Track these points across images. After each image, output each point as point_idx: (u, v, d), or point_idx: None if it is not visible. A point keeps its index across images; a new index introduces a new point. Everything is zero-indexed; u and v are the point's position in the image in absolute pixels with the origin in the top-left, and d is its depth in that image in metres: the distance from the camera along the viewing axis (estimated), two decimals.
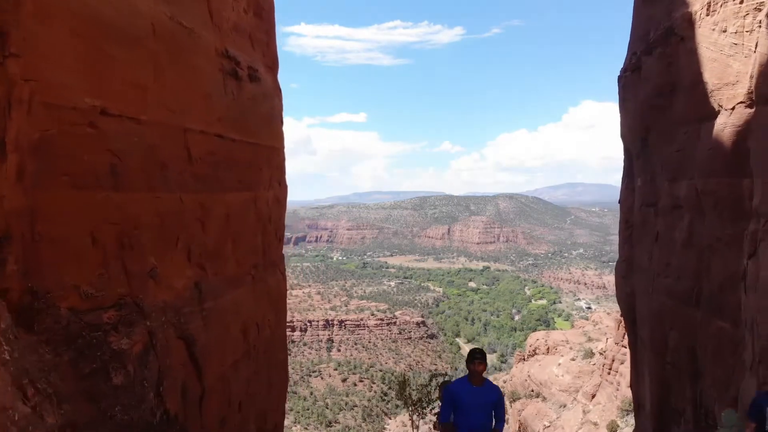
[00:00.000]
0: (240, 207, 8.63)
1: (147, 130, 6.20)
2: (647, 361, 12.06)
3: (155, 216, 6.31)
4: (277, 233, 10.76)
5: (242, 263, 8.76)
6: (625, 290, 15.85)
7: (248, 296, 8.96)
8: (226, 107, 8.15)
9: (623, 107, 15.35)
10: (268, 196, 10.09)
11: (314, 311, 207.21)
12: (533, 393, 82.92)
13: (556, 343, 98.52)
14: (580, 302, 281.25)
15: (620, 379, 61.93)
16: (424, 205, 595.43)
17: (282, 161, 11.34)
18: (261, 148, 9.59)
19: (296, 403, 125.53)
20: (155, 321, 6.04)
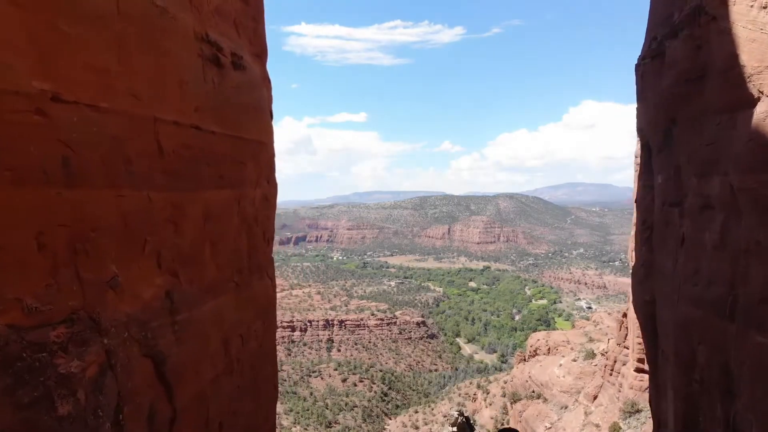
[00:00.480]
0: (220, 206, 7.84)
1: (109, 119, 5.43)
2: (670, 377, 10.99)
3: (117, 216, 5.54)
4: (265, 235, 10.02)
5: (223, 269, 7.95)
6: (643, 297, 14.65)
7: (231, 305, 8.19)
8: (205, 96, 7.35)
9: (642, 98, 14.38)
10: (255, 195, 9.33)
11: (314, 311, 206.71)
12: (534, 394, 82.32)
13: (557, 343, 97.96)
14: (580, 302, 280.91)
15: (622, 380, 61.26)
16: (424, 205, 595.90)
17: (271, 157, 10.64)
18: (246, 142, 8.87)
19: (296, 404, 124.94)
20: (115, 338, 5.26)
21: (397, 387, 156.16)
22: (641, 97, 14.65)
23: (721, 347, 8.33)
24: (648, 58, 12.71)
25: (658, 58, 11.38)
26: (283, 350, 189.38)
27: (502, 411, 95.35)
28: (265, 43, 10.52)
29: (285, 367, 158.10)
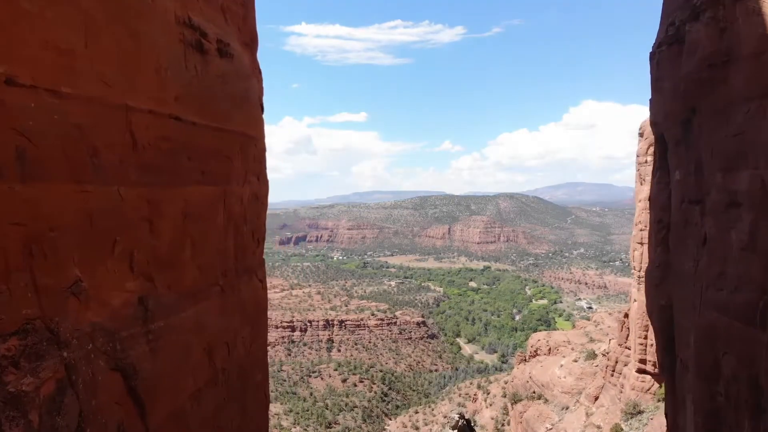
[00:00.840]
0: (203, 204, 7.29)
1: (72, 106, 4.88)
2: (691, 388, 10.11)
3: (81, 215, 4.98)
4: (254, 235, 9.46)
5: (206, 271, 7.39)
6: (658, 301, 13.77)
7: (215, 310, 7.62)
8: (187, 85, 6.81)
9: (657, 88, 13.46)
10: (243, 192, 8.77)
11: (314, 311, 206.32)
12: (535, 395, 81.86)
13: (558, 343, 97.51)
14: (581, 302, 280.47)
15: (624, 381, 60.77)
16: (424, 205, 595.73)
17: (261, 153, 10.02)
18: (232, 135, 8.28)
19: (296, 404, 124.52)
20: (77, 350, 4.69)
21: (397, 387, 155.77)
22: (656, 87, 13.78)
23: (750, 358, 7.54)
24: (664, 44, 11.90)
25: (675, 45, 10.58)
26: (283, 350, 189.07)
27: (502, 411, 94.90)
28: (255, 31, 9.93)
29: (285, 367, 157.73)
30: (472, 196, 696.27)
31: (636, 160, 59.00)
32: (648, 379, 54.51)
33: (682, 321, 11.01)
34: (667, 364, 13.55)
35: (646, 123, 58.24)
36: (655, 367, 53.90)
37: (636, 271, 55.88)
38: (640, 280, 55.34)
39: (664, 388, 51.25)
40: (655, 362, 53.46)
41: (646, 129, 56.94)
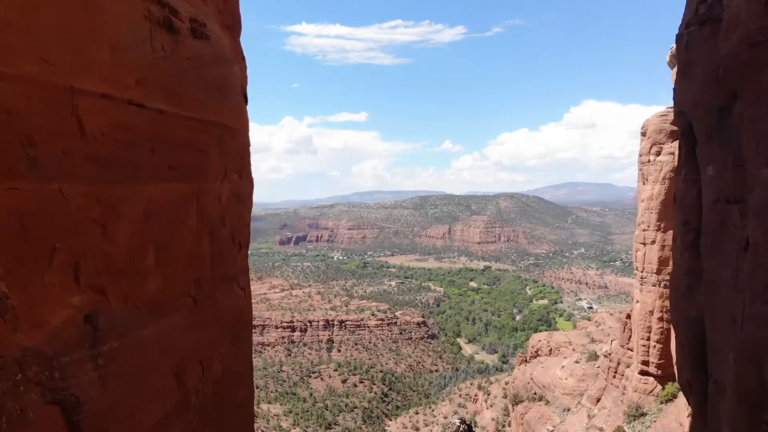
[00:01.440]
0: (171, 204, 6.53)
1: (2, 87, 4.03)
2: (729, 415, 8.93)
3: (9, 217, 4.16)
4: (235, 238, 8.57)
5: (175, 281, 6.60)
6: (686, 313, 12.58)
7: (185, 325, 6.82)
8: (151, 67, 5.99)
9: (686, 73, 12.16)
10: (221, 191, 7.95)
11: (314, 311, 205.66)
12: (536, 396, 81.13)
13: (559, 344, 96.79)
14: (581, 302, 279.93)
15: (626, 383, 59.98)
16: (424, 205, 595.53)
17: (243, 147, 9.07)
18: (208, 126, 7.24)
19: (296, 405, 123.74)
20: (2, 381, 3.85)
21: (397, 388, 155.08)
22: (685, 73, 12.50)
23: None
24: (694, 24, 10.93)
25: (708, 24, 9.61)
26: (283, 350, 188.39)
27: (503, 412, 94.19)
28: (238, 14, 9.07)
29: (285, 367, 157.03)
30: (472, 196, 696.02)
31: (638, 160, 58.26)
32: (651, 381, 53.74)
33: (717, 336, 9.74)
34: (696, 384, 12.06)
35: (648, 122, 57.51)
36: (658, 369, 53.16)
37: (639, 272, 55.12)
38: (643, 281, 54.61)
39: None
40: (658, 364, 52.71)
41: (648, 128, 56.18)
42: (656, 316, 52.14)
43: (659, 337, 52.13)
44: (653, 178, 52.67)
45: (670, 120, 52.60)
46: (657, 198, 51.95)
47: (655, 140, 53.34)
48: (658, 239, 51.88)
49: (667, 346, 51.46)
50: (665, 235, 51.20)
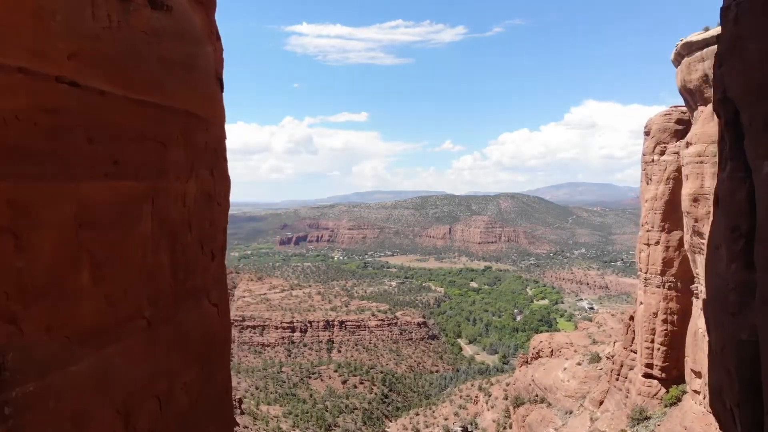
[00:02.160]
0: (114, 206, 5.39)
1: None
2: None
3: None
4: (205, 246, 7.32)
5: (120, 301, 5.47)
6: (736, 335, 10.82)
7: (136, 354, 5.71)
8: (91, 38, 5.05)
9: (735, 52, 10.66)
10: (186, 190, 6.77)
11: (314, 312, 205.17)
12: (537, 398, 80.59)
13: (560, 345, 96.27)
14: (582, 302, 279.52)
15: (629, 385, 59.39)
16: (425, 205, 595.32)
17: (217, 140, 7.90)
18: (168, 113, 6.31)
19: (295, 406, 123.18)
20: None
21: (397, 389, 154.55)
22: (734, 52, 11.00)
23: None
24: None
25: None
26: (283, 351, 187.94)
27: (504, 414, 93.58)
28: None
29: (285, 368, 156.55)
30: (472, 196, 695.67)
31: (641, 159, 57.67)
32: (655, 384, 53.14)
33: None
34: (746, 418, 10.53)
35: (652, 121, 56.91)
36: (663, 372, 52.57)
37: (642, 273, 54.55)
38: (647, 282, 54.03)
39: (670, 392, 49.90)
40: (662, 367, 52.10)
41: (652, 127, 55.59)
42: (660, 318, 51.57)
43: (663, 340, 51.55)
44: (657, 178, 52.10)
45: (674, 119, 52.04)
46: (661, 198, 51.38)
47: (659, 139, 52.77)
48: (663, 240, 51.31)
49: (671, 348, 50.93)
50: (670, 236, 50.63)
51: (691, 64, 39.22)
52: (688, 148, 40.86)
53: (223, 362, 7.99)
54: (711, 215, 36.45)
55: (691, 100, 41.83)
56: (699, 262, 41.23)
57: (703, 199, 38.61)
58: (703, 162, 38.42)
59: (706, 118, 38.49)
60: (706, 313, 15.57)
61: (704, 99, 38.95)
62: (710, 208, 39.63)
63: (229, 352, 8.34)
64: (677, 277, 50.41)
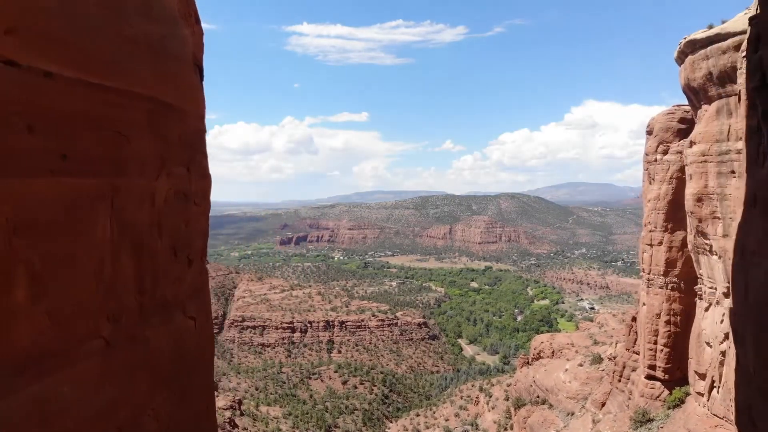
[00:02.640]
0: (60, 207, 4.62)
1: None
2: None
3: None
4: (179, 252, 6.53)
5: (69, 320, 4.69)
6: None
7: (90, 380, 4.93)
8: (34, 11, 4.41)
9: None
10: (155, 189, 6.01)
11: (314, 312, 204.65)
12: (539, 399, 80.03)
13: (561, 346, 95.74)
14: (583, 302, 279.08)
15: (632, 387, 58.81)
16: (425, 205, 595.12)
17: (194, 133, 7.08)
18: (132, 100, 5.55)
19: (295, 407, 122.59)
20: None
21: (398, 389, 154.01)
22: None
23: None
24: None
25: None
26: (283, 351, 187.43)
27: (505, 415, 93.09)
28: None
29: (285, 369, 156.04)
30: (473, 196, 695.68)
31: (644, 159, 57.06)
32: (658, 386, 52.55)
33: None
34: None
35: (654, 120, 56.36)
36: (666, 374, 51.97)
37: (645, 274, 53.97)
38: (650, 283, 53.45)
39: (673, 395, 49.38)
40: (665, 368, 51.53)
41: (654, 126, 55.02)
42: (663, 319, 50.99)
43: (666, 341, 50.98)
44: (660, 177, 51.54)
45: (677, 118, 51.50)
46: (664, 198, 50.81)
47: (662, 139, 52.21)
48: (666, 240, 50.74)
49: (674, 350, 50.36)
50: (673, 236, 50.08)
51: (695, 62, 38.67)
52: (692, 147, 40.31)
53: (201, 382, 7.13)
54: (721, 216, 35.86)
55: (694, 99, 41.28)
56: (703, 262, 40.71)
57: (707, 199, 38.07)
58: (707, 161, 37.86)
59: (710, 116, 37.95)
60: (734, 324, 14.62)
61: (708, 97, 38.41)
62: (715, 209, 39.19)
63: (209, 370, 7.49)
64: (680, 278, 49.87)
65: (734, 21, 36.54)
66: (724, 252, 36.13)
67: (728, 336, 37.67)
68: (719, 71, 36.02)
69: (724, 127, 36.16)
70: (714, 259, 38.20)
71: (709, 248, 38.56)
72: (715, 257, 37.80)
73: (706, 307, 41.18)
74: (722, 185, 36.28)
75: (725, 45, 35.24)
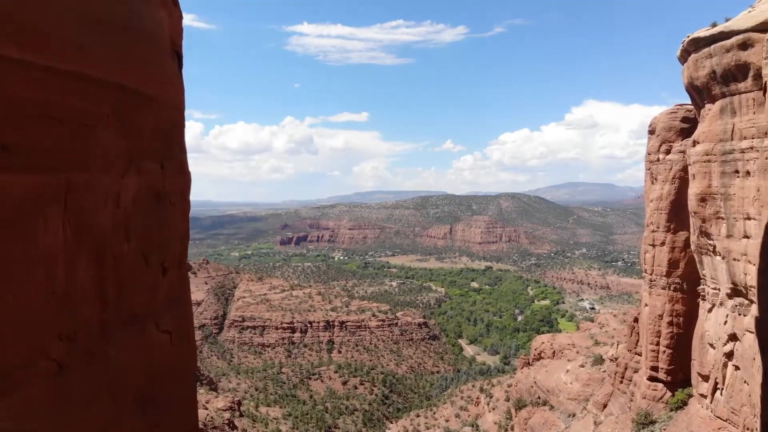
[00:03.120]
0: None
1: None
2: None
3: None
4: (151, 257, 5.78)
5: (11, 340, 3.96)
6: None
7: (37, 408, 4.13)
8: None
9: None
10: (121, 187, 5.21)
11: (315, 312, 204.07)
12: (540, 400, 79.56)
13: (562, 346, 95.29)
14: (583, 302, 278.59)
15: (634, 389, 58.31)
16: (425, 205, 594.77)
17: (170, 126, 6.31)
18: (95, 86, 4.74)
19: (295, 408, 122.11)
20: None
21: (398, 390, 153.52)
22: None
23: None
24: None
25: None
26: (283, 352, 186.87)
27: (505, 416, 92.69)
28: None
29: (284, 369, 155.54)
30: (473, 196, 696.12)
31: (646, 158, 56.57)
32: (660, 387, 52.07)
33: None
34: None
35: (657, 120, 55.87)
36: (668, 375, 51.51)
37: (647, 275, 53.51)
38: (652, 284, 52.99)
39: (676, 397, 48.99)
40: (668, 370, 51.07)
41: (657, 125, 54.54)
42: (666, 320, 50.52)
43: (669, 342, 50.51)
44: (663, 177, 51.06)
45: (680, 117, 51.03)
46: (667, 198, 50.34)
47: (665, 138, 51.74)
48: (668, 241, 50.28)
49: (677, 351, 49.90)
50: (675, 237, 49.62)
51: (698, 60, 38.18)
52: (695, 146, 39.84)
53: (180, 402, 6.33)
54: (725, 216, 35.38)
55: (698, 98, 40.80)
56: (706, 263, 40.24)
57: (711, 199, 37.61)
58: (711, 161, 37.40)
59: (714, 115, 37.49)
60: (761, 333, 14.08)
61: (712, 96, 37.93)
62: (718, 209, 38.74)
63: (190, 387, 6.71)
64: (683, 279, 49.41)
65: (738, 19, 36.07)
66: (728, 253, 35.69)
67: (732, 338, 37.27)
68: (723, 70, 35.55)
69: (728, 127, 35.69)
70: (717, 260, 37.75)
71: (713, 249, 38.10)
72: (719, 258, 37.35)
73: (709, 308, 40.71)
74: (726, 185, 35.82)
75: (729, 43, 34.75)
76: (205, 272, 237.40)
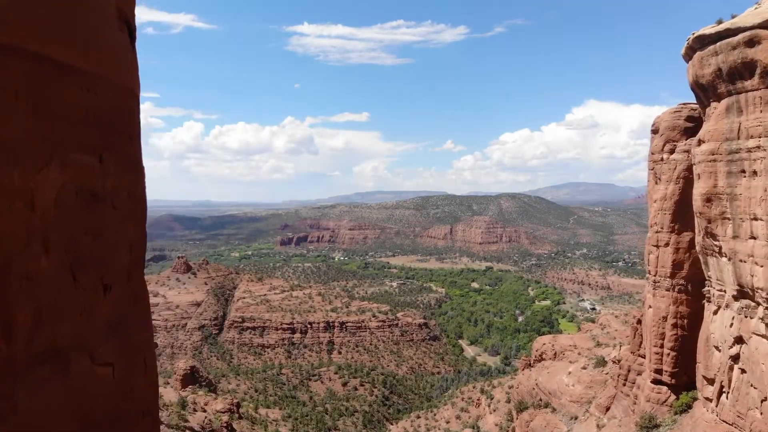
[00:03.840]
0: None
1: None
2: None
3: None
4: (80, 274, 4.72)
5: None
6: None
7: None
8: None
9: None
10: (36, 185, 4.18)
11: (315, 313, 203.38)
12: (541, 402, 78.84)
13: (564, 348, 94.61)
14: (584, 303, 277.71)
15: (638, 391, 57.59)
16: (426, 205, 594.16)
17: (116, 112, 5.28)
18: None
19: (295, 409, 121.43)
20: None
21: (398, 391, 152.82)
22: None
23: None
24: None
25: None
26: (282, 352, 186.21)
27: (506, 418, 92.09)
28: None
29: (284, 370, 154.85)
30: (473, 196, 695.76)
31: (649, 158, 55.86)
32: (664, 390, 51.35)
33: None
34: None
35: (660, 119, 55.16)
36: (672, 378, 50.79)
37: (651, 276, 52.79)
38: (656, 285, 52.27)
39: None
40: (672, 372, 50.35)
41: (660, 125, 53.82)
42: (670, 322, 49.82)
43: (673, 345, 49.80)
44: (667, 177, 50.35)
45: (684, 116, 50.34)
46: (671, 198, 49.63)
47: (669, 137, 51.02)
48: (673, 241, 49.56)
49: (681, 354, 49.19)
50: (680, 237, 48.91)
51: (703, 58, 37.52)
52: (700, 146, 39.16)
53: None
54: (731, 216, 34.73)
55: (703, 96, 40.13)
56: (711, 264, 39.56)
57: (717, 200, 36.93)
58: (717, 160, 36.72)
59: (720, 114, 36.82)
60: None
61: (717, 94, 37.27)
62: (724, 209, 38.10)
63: (150, 428, 5.60)
64: (688, 280, 48.69)
65: (744, 16, 35.42)
66: (734, 254, 35.03)
67: (738, 340, 36.60)
68: (729, 68, 34.89)
69: (734, 125, 35.03)
70: (723, 261, 37.07)
71: (719, 250, 37.41)
72: (725, 259, 36.67)
73: (714, 310, 40.03)
74: (732, 185, 35.14)
75: (735, 40, 34.09)
76: (205, 273, 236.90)
